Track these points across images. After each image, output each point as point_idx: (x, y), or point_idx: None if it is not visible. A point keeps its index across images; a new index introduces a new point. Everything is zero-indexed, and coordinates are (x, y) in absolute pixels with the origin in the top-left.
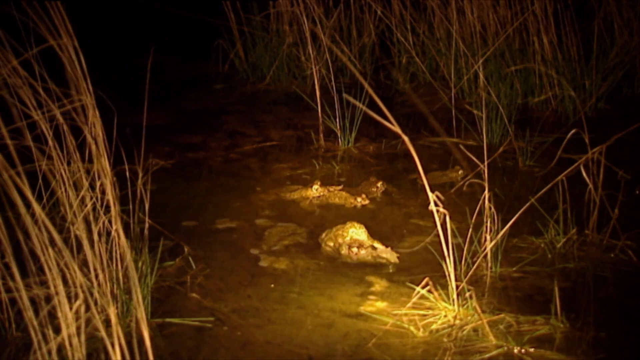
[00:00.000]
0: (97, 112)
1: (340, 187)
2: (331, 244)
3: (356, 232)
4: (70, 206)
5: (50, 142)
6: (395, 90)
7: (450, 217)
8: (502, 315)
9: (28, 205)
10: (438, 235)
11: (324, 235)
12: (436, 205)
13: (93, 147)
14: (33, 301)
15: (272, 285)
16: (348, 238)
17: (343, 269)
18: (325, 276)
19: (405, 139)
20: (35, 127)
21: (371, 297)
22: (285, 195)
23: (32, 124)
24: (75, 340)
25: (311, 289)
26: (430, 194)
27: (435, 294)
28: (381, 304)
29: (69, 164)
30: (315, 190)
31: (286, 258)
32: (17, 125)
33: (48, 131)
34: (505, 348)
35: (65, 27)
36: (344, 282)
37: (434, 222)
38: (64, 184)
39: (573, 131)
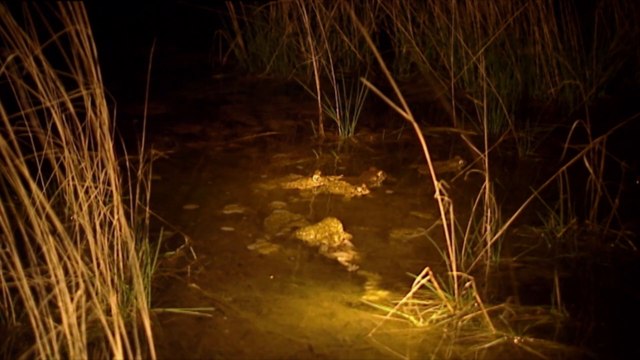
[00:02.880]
0: (104, 101)
1: (340, 177)
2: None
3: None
4: (75, 196)
5: (60, 130)
6: (394, 80)
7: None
8: (502, 305)
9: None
10: (440, 225)
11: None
12: (441, 194)
13: (98, 135)
14: (34, 290)
15: (272, 277)
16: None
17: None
18: (326, 266)
19: (416, 127)
20: (39, 114)
21: (372, 287)
22: (286, 185)
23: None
24: (75, 330)
25: (312, 279)
26: (436, 182)
27: (436, 283)
28: (381, 294)
29: (70, 152)
30: (316, 180)
31: (287, 248)
32: (24, 113)
33: (58, 118)
34: (505, 338)
35: (82, 14)
36: (345, 271)
37: (434, 211)
38: (71, 172)
39: (576, 122)
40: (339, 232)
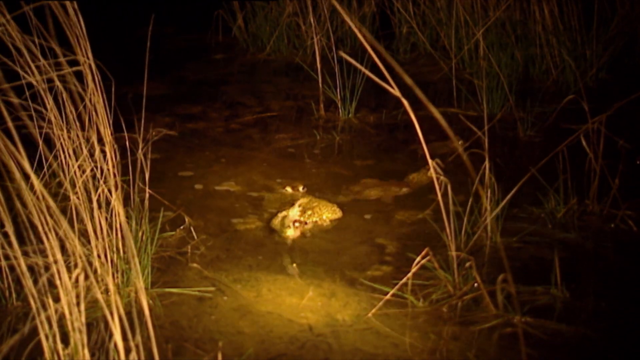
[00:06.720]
0: (96, 76)
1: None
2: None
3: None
4: (72, 176)
5: (49, 106)
6: (395, 61)
7: (450, 187)
8: (502, 285)
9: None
10: (438, 206)
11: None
12: (436, 172)
13: (92, 113)
14: (32, 270)
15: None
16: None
17: (345, 237)
18: (326, 246)
19: (406, 104)
20: (28, 89)
21: (371, 267)
22: (286, 165)
23: (26, 85)
24: (74, 309)
25: (312, 259)
26: (430, 161)
27: (436, 264)
28: (381, 274)
29: (69, 130)
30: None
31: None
32: (10, 85)
33: (46, 94)
34: (505, 318)
35: None
36: (344, 251)
37: (435, 192)
38: (64, 151)
39: (570, 97)
40: (338, 213)
